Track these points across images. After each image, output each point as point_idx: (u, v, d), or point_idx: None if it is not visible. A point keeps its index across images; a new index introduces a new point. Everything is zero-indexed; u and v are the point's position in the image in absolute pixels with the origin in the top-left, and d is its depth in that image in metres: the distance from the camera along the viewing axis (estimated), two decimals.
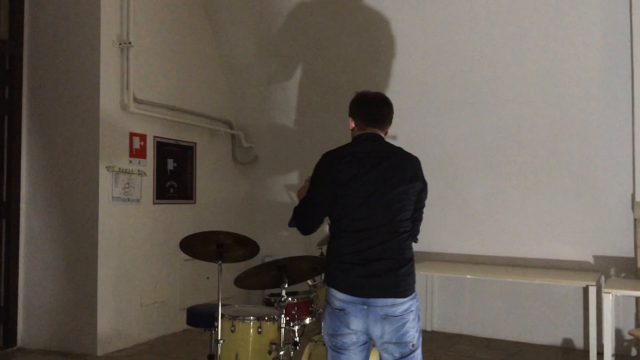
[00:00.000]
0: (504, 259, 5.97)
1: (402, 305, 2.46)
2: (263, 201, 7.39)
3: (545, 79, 5.74)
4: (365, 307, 2.44)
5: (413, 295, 2.52)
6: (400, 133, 6.43)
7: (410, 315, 2.49)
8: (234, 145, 7.20)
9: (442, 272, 5.76)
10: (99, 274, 5.24)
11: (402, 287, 2.47)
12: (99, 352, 5.20)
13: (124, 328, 5.48)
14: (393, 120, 2.81)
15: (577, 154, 5.65)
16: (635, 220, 5.17)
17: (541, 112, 5.78)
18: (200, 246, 3.43)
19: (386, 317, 2.44)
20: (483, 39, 5.74)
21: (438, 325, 6.26)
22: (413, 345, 2.49)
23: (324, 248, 4.36)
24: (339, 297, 2.49)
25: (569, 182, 5.69)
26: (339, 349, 2.52)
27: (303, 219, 2.62)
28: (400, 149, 2.68)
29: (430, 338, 5.95)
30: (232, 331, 3.38)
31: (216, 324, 3.36)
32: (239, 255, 3.51)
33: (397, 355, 2.49)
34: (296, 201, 2.73)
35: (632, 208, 5.21)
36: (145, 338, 5.72)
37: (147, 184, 5.84)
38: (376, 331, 2.46)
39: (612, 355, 4.63)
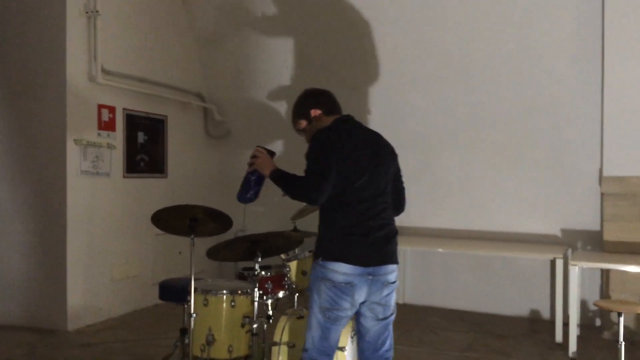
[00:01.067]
0: (474, 233, 6.06)
1: (396, 271, 2.71)
2: (236, 175, 7.26)
3: (519, 55, 5.78)
4: (370, 277, 2.60)
5: None
6: (375, 107, 6.43)
7: (397, 281, 2.74)
8: (206, 118, 7.10)
9: (414, 246, 5.83)
10: (68, 249, 5.16)
11: (395, 254, 2.72)
12: (70, 327, 5.14)
13: (94, 303, 5.42)
14: (368, 93, 2.98)
15: (547, 130, 5.74)
16: (602, 194, 5.29)
17: (514, 89, 5.84)
18: (173, 220, 3.39)
19: (386, 284, 2.65)
20: (457, 15, 5.74)
21: (410, 297, 6.35)
22: (393, 310, 2.74)
23: (298, 222, 4.36)
24: (343, 271, 2.57)
25: (539, 157, 5.78)
26: (332, 321, 2.64)
27: (319, 188, 2.56)
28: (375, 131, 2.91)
29: (402, 311, 5.99)
30: (205, 305, 3.37)
31: (189, 298, 3.34)
32: (211, 229, 3.48)
33: (381, 316, 2.69)
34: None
35: (599, 182, 5.32)
36: (116, 313, 5.67)
37: (116, 158, 5.72)
38: (375, 297, 2.64)
39: (578, 325, 4.78)
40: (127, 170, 5.85)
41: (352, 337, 3.24)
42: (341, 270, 2.57)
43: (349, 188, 2.61)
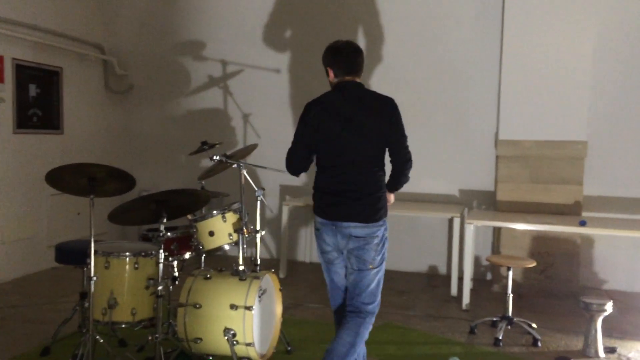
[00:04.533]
0: None
1: (365, 229, 2.91)
2: (139, 133, 7.03)
3: (423, 18, 5.91)
4: (334, 227, 2.96)
5: (379, 223, 2.95)
6: (281, 67, 6.35)
7: (374, 240, 2.94)
8: (106, 72, 6.70)
9: None
10: None
11: (363, 213, 2.91)
12: None
13: None
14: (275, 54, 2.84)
15: (449, 94, 5.95)
16: (497, 157, 5.60)
17: (417, 52, 5.98)
18: (70, 179, 3.19)
19: (351, 237, 2.93)
20: None
21: (316, 257, 6.45)
22: (371, 266, 2.95)
23: (205, 182, 4.27)
24: (318, 220, 3.03)
25: (441, 120, 6.00)
26: (327, 263, 3.08)
27: (290, 161, 3.04)
28: (375, 93, 3.03)
29: (310, 269, 6.17)
30: (106, 268, 3.25)
31: (88, 261, 3.20)
32: (113, 189, 3.32)
33: (356, 268, 2.97)
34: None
35: (495, 145, 5.63)
36: (8, 277, 5.35)
37: (5, 112, 5.29)
38: (342, 244, 2.98)
39: (471, 279, 5.10)
40: (17, 125, 5.44)
41: (259, 297, 3.27)
42: (317, 220, 3.03)
43: (321, 154, 2.98)
